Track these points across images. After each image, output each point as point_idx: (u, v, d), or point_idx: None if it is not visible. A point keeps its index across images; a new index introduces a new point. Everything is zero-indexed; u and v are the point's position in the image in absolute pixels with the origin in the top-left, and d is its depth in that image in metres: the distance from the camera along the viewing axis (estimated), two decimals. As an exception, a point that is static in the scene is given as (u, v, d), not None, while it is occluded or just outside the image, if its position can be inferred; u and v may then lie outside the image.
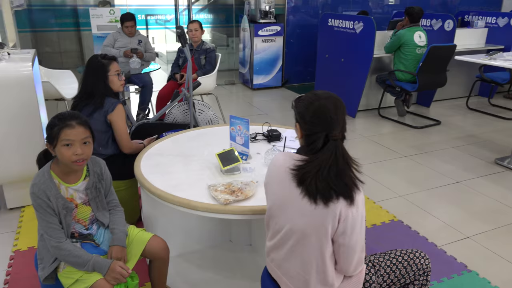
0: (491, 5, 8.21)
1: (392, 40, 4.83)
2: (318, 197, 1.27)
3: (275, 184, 1.43)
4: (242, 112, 5.39)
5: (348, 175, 1.28)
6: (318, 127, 1.31)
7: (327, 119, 1.30)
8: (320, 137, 1.30)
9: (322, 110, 1.31)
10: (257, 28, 6.10)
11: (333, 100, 1.33)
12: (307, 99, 1.36)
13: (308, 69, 6.78)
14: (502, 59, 4.43)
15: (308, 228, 1.34)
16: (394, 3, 7.56)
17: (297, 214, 1.35)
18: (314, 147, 1.31)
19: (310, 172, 1.28)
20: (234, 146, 2.28)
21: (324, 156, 1.27)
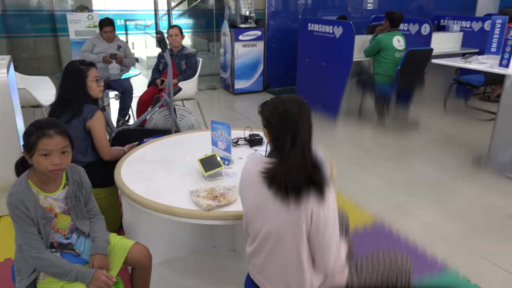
0: (465, 10, 8.43)
1: (371, 44, 4.90)
2: (289, 196, 1.30)
3: (248, 189, 1.45)
4: (224, 117, 5.38)
5: (317, 173, 1.32)
6: (284, 130, 1.33)
7: (292, 122, 1.33)
8: (288, 139, 1.32)
9: (287, 114, 1.34)
10: (238, 33, 6.11)
11: (297, 103, 1.37)
12: (271, 104, 1.39)
13: (289, 73, 6.82)
14: (477, 62, 4.55)
15: (283, 230, 1.35)
16: (372, 8, 7.69)
17: (272, 216, 1.37)
18: (282, 149, 1.34)
19: (279, 173, 1.31)
20: (216, 151, 2.27)
21: (293, 157, 1.31)
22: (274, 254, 1.40)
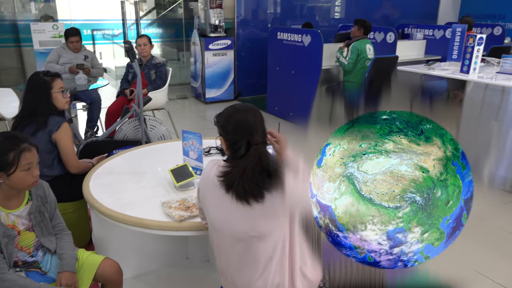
0: (428, 19, 8.76)
1: (352, 55, 4.92)
2: (249, 198, 1.36)
3: (207, 196, 1.49)
4: (195, 126, 5.34)
5: (272, 169, 1.38)
6: (239, 136, 1.40)
7: (246, 127, 1.41)
8: (243, 144, 1.39)
9: (241, 120, 1.42)
10: (208, 42, 6.11)
11: (250, 111, 1.45)
12: (226, 113, 1.46)
13: (260, 82, 6.86)
14: (440, 68, 4.72)
15: (251, 231, 1.39)
16: (340, 16, 7.87)
17: (235, 220, 1.40)
18: (238, 154, 1.40)
19: (235, 175, 1.37)
20: (188, 161, 2.25)
21: (248, 160, 1.37)
22: (244, 259, 1.42)
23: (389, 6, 8.30)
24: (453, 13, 9.04)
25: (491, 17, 8.59)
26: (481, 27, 6.92)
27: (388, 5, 8.29)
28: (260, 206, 1.37)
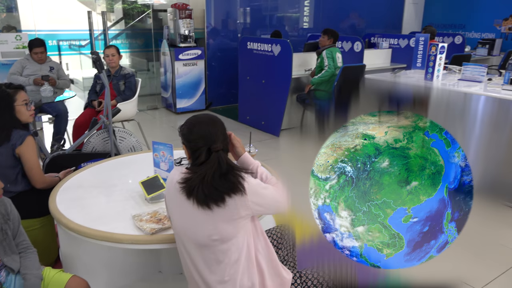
0: (393, 28, 9.05)
1: (328, 60, 4.97)
2: (209, 202, 1.40)
3: (171, 203, 1.53)
4: (167, 137, 5.28)
5: (232, 173, 1.43)
6: (200, 143, 1.46)
7: (207, 135, 1.47)
8: (203, 151, 1.45)
9: (202, 128, 1.49)
10: (178, 52, 6.08)
11: (211, 120, 1.53)
12: (188, 123, 1.52)
13: (231, 91, 6.87)
14: (405, 76, 4.87)
15: (214, 235, 1.42)
16: (308, 26, 8.01)
17: (197, 225, 1.43)
18: (198, 160, 1.45)
19: (195, 181, 1.41)
20: (159, 172, 2.22)
21: (208, 166, 1.42)
22: (211, 264, 1.46)
23: (356, 16, 8.53)
24: (417, 23, 9.39)
25: (452, 26, 8.96)
26: (443, 36, 7.20)
27: (355, 16, 8.51)
28: (221, 210, 1.41)
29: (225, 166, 1.44)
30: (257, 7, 7.35)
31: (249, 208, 1.45)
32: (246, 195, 1.43)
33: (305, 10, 7.97)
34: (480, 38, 8.14)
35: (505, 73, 3.80)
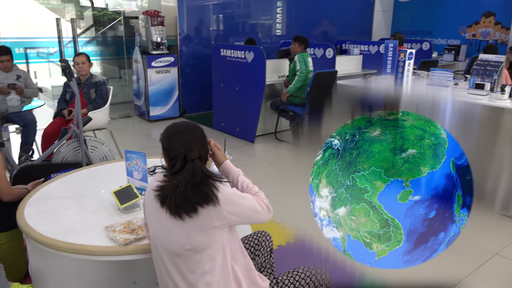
0: (363, 35, 9.25)
1: (300, 64, 5.01)
2: (181, 212, 1.40)
3: (148, 209, 1.52)
4: (140, 145, 5.20)
5: (205, 183, 1.42)
6: (176, 151, 1.46)
7: (183, 143, 1.46)
8: (179, 159, 1.45)
9: (178, 137, 1.49)
10: (150, 60, 6.02)
11: (189, 127, 1.52)
12: (167, 130, 1.52)
13: (205, 98, 6.84)
14: (376, 82, 4.98)
15: (186, 244, 1.41)
16: (281, 33, 8.09)
17: (171, 234, 1.43)
18: (174, 169, 1.44)
19: (169, 190, 1.41)
20: (132, 181, 2.18)
21: (183, 175, 1.41)
22: (185, 274, 1.44)
23: (327, 24, 8.68)
24: (386, 30, 9.64)
25: (419, 33, 9.24)
26: (411, 42, 7.42)
27: (326, 23, 8.67)
28: (194, 220, 1.40)
29: (199, 176, 1.42)
30: (230, 14, 7.38)
31: (224, 218, 1.43)
32: (219, 206, 1.41)
33: (277, 18, 8.05)
34: (446, 44, 8.43)
35: (470, 78, 3.95)
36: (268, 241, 1.93)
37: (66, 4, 6.69)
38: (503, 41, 8.01)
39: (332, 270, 1.72)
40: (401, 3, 9.53)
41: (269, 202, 1.61)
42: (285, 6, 8.04)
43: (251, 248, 1.88)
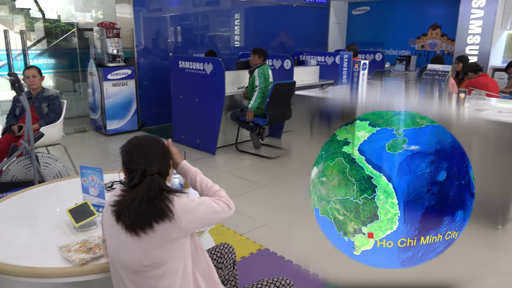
0: (319, 46, 9.51)
1: (260, 79, 5.04)
2: (136, 229, 1.36)
3: (106, 224, 1.48)
4: (97, 160, 5.04)
5: (159, 198, 1.39)
6: (135, 165, 1.43)
7: (143, 157, 1.44)
8: (138, 173, 1.42)
9: (138, 150, 1.46)
10: (106, 72, 5.88)
11: (149, 141, 1.50)
12: (128, 143, 1.50)
13: (164, 111, 6.75)
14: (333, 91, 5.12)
15: (144, 260, 1.38)
16: (240, 45, 8.16)
17: (127, 249, 1.39)
18: (132, 182, 1.41)
19: (124, 205, 1.37)
20: (88, 198, 2.10)
21: (139, 189, 1.38)
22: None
23: (285, 35, 8.85)
24: (341, 41, 9.96)
25: (372, 44, 9.62)
26: (365, 53, 7.70)
27: (284, 34, 8.84)
28: (150, 235, 1.37)
29: (155, 191, 1.39)
30: (188, 26, 7.37)
31: (184, 228, 1.41)
32: (176, 219, 1.39)
33: (236, 29, 8.12)
34: (398, 55, 8.82)
35: (420, 87, 4.15)
36: (230, 253, 1.91)
37: (15, 16, 6.42)
38: (449, 52, 8.49)
39: (296, 280, 1.73)
40: (355, 16, 9.90)
41: (229, 198, 1.61)
42: (243, 18, 8.13)
43: (214, 261, 1.86)
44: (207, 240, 2.47)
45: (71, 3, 6.54)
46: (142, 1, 6.55)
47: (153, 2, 6.76)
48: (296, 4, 8.77)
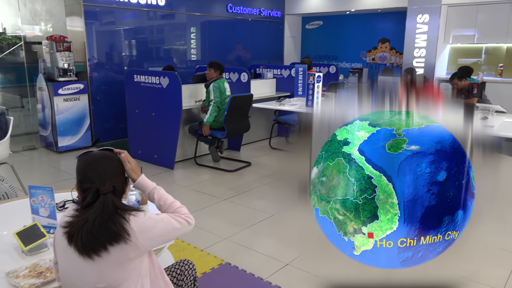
0: (275, 59, 9.68)
1: (215, 93, 5.01)
2: (89, 252, 1.31)
3: (58, 246, 1.42)
4: (48, 179, 4.81)
5: (114, 219, 1.34)
6: (88, 184, 1.37)
7: (97, 175, 1.38)
8: (91, 192, 1.36)
9: (91, 168, 1.40)
10: (57, 87, 5.65)
11: (103, 157, 1.45)
12: (80, 160, 1.43)
13: (120, 126, 6.58)
14: (290, 104, 5.21)
15: (98, 283, 1.33)
16: (196, 58, 8.15)
17: (81, 272, 1.33)
18: (85, 202, 1.36)
19: (76, 226, 1.32)
20: (38, 220, 2.00)
21: (92, 210, 1.33)
22: None
23: (241, 49, 8.94)
24: (296, 55, 10.20)
25: (326, 57, 9.93)
26: (319, 66, 7.92)
27: (240, 48, 8.93)
28: (106, 258, 1.32)
29: (109, 211, 1.33)
30: (143, 39, 7.27)
31: (141, 247, 1.37)
32: (132, 239, 1.34)
33: (192, 43, 8.11)
34: (351, 68, 9.15)
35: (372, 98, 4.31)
36: (191, 270, 1.88)
37: (-45, 28, 6.08)
38: (398, 64, 8.91)
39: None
40: (308, 30, 10.19)
41: (190, 214, 1.56)
42: (199, 31, 8.14)
43: (174, 279, 1.82)
44: (166, 257, 2.41)
45: (17, 15, 6.28)
46: (94, 14, 6.40)
47: (106, 15, 6.62)
48: (251, 18, 8.91)
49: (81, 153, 1.48)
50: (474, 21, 7.29)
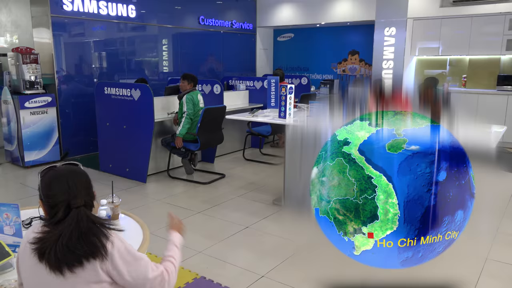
0: (248, 71, 9.74)
1: (188, 105, 4.98)
2: (62, 267, 1.26)
3: (23, 265, 1.36)
4: (13, 195, 4.63)
5: (92, 232, 1.30)
6: (58, 199, 1.33)
7: (66, 189, 1.34)
8: (61, 208, 1.32)
9: (60, 182, 1.35)
10: (23, 100, 5.48)
11: (72, 171, 1.40)
12: (46, 175, 1.38)
13: (90, 139, 6.43)
14: (263, 115, 5.23)
15: None
16: (168, 70, 8.09)
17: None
18: (56, 218, 1.31)
19: (49, 241, 1.27)
20: (3, 238, 1.91)
21: (65, 224, 1.29)
22: None
23: (213, 60, 8.96)
24: (268, 66, 10.29)
25: (298, 69, 10.07)
26: (291, 77, 8.02)
27: (213, 60, 8.94)
28: (78, 274, 1.28)
29: (86, 224, 1.30)
30: (114, 51, 7.17)
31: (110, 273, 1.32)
32: (107, 261, 1.30)
33: (163, 55, 8.06)
34: (322, 79, 9.31)
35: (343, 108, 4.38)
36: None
37: None
38: (367, 75, 9.14)
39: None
40: (280, 42, 10.32)
41: (174, 276, 1.49)
42: (171, 43, 8.11)
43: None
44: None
45: (-18, 26, 6.08)
46: (62, 26, 6.27)
47: (75, 26, 6.50)
48: (223, 30, 8.95)
49: (43, 169, 1.43)
50: (438, 34, 7.58)
